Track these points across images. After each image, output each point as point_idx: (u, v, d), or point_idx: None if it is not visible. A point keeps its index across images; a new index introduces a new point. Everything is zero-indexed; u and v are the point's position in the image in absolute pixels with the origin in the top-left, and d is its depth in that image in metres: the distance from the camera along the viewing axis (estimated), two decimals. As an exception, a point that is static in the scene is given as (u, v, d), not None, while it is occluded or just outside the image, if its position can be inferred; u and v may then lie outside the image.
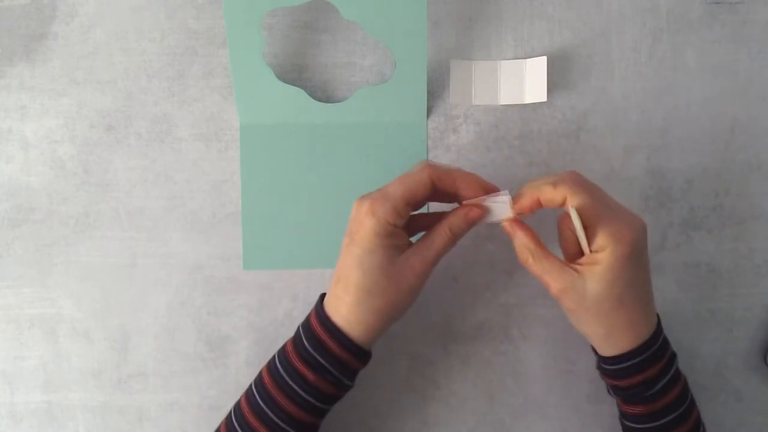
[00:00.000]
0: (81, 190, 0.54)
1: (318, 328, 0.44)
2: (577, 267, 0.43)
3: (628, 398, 0.46)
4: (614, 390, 0.47)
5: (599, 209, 0.43)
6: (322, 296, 0.47)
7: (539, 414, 0.54)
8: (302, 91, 0.52)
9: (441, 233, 0.45)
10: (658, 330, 0.45)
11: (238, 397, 0.47)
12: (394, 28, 0.50)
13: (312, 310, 0.46)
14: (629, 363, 0.44)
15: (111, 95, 0.54)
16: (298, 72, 0.55)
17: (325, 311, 0.45)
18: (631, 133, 0.54)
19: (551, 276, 0.43)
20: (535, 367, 0.54)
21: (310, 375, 0.44)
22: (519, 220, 0.45)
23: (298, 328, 0.46)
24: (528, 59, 0.54)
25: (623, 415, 0.47)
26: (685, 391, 0.46)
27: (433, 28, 0.55)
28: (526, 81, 0.54)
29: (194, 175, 0.54)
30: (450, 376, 0.54)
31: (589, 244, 0.43)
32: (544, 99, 0.53)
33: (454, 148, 0.54)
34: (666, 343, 0.46)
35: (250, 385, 0.46)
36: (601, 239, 0.42)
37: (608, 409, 0.54)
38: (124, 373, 0.54)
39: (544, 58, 0.53)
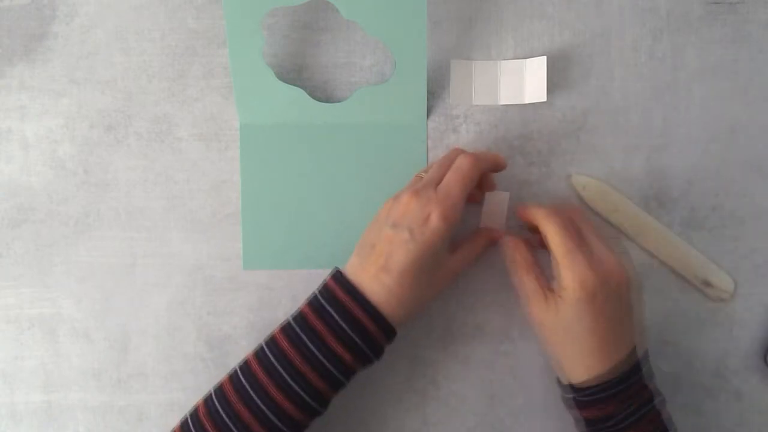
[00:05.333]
0: (81, 190, 0.54)
1: (362, 316, 0.45)
2: (550, 295, 0.47)
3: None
4: (589, 423, 0.48)
5: (572, 246, 0.46)
6: (338, 271, 0.47)
7: (539, 414, 0.54)
8: (302, 91, 0.52)
9: (483, 240, 0.51)
10: (624, 376, 0.46)
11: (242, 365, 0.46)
12: (394, 28, 0.50)
13: (341, 291, 0.46)
14: (587, 397, 0.46)
15: (111, 95, 0.54)
16: (298, 72, 0.55)
17: (367, 297, 0.45)
18: (631, 133, 0.54)
19: (531, 297, 0.48)
20: (535, 367, 0.54)
21: (347, 356, 0.45)
22: (512, 235, 0.52)
23: (323, 303, 0.46)
24: (528, 59, 0.54)
25: None
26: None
27: (433, 28, 0.55)
28: (526, 81, 0.54)
29: (194, 175, 0.54)
30: (450, 376, 0.54)
31: (558, 277, 0.47)
32: (544, 99, 0.53)
33: (454, 148, 0.54)
34: (635, 385, 0.46)
35: (264, 353, 0.46)
36: (565, 279, 0.46)
37: (608, 409, 0.54)
38: (124, 373, 0.54)
39: (544, 58, 0.53)
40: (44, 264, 0.54)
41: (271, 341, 0.46)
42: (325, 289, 0.47)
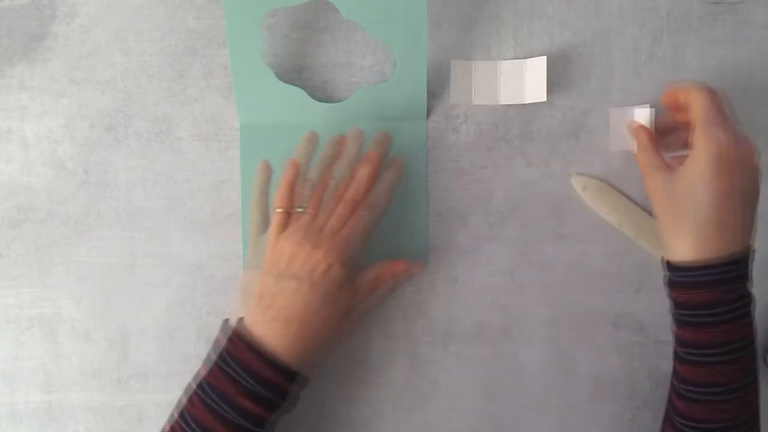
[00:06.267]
0: (81, 190, 0.54)
1: (268, 372, 0.45)
2: (676, 167, 0.46)
3: (683, 317, 0.45)
4: (677, 306, 0.45)
5: (716, 116, 0.44)
6: (228, 324, 0.47)
7: (539, 414, 0.54)
8: (302, 91, 0.52)
9: (384, 276, 0.50)
10: (738, 263, 0.43)
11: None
12: (394, 28, 0.50)
13: (238, 345, 0.45)
14: (693, 274, 0.44)
15: (111, 95, 0.54)
16: (298, 72, 0.55)
17: (265, 347, 0.45)
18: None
19: (651, 169, 0.47)
20: (535, 367, 0.54)
21: (255, 407, 0.45)
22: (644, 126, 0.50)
23: (229, 362, 0.45)
24: (528, 59, 0.54)
25: (678, 341, 0.46)
26: (746, 338, 0.44)
27: (433, 28, 0.55)
28: (526, 81, 0.54)
29: (194, 175, 0.54)
30: (450, 376, 0.54)
31: (692, 141, 0.45)
32: (544, 99, 0.53)
33: (454, 148, 0.54)
34: (743, 279, 0.44)
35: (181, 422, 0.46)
36: (701, 143, 0.44)
37: (608, 409, 0.54)
38: (124, 373, 0.54)
39: (544, 58, 0.53)
40: (44, 264, 0.54)
41: (185, 410, 0.46)
42: (223, 347, 0.46)
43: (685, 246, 0.44)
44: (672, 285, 0.46)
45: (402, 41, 0.51)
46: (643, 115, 0.52)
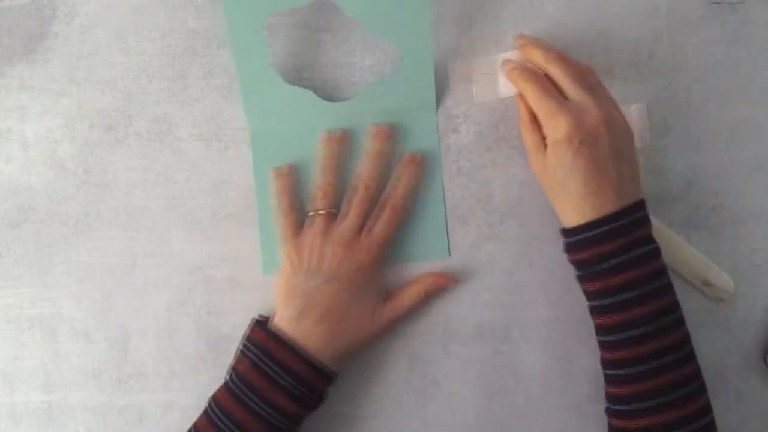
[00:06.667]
0: (81, 190, 0.54)
1: (304, 370, 0.47)
2: (543, 147, 0.49)
3: (583, 275, 0.48)
4: (576, 266, 0.48)
5: (544, 94, 0.48)
6: (263, 323, 0.50)
7: (539, 414, 0.54)
8: (311, 92, 0.52)
9: (416, 296, 0.52)
10: (620, 216, 0.46)
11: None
12: (396, 18, 0.50)
13: (277, 347, 0.48)
14: (579, 237, 0.47)
15: (111, 95, 0.54)
16: (299, 72, 0.55)
17: (304, 348, 0.48)
18: (631, 133, 0.54)
19: (531, 147, 0.50)
20: (535, 367, 0.54)
21: (295, 407, 0.47)
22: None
23: (262, 361, 0.47)
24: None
25: (585, 295, 0.49)
26: (647, 279, 0.46)
27: (433, 28, 0.54)
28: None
29: (194, 175, 0.54)
30: (450, 376, 0.54)
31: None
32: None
33: (455, 148, 0.54)
34: (625, 230, 0.46)
35: (213, 415, 0.47)
36: (544, 126, 0.48)
37: (608, 409, 0.54)
38: (124, 373, 0.54)
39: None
40: (44, 264, 0.54)
41: (216, 403, 0.48)
42: (258, 346, 0.48)
43: (570, 216, 0.47)
44: (566, 248, 0.48)
45: (406, 30, 0.50)
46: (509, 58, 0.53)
